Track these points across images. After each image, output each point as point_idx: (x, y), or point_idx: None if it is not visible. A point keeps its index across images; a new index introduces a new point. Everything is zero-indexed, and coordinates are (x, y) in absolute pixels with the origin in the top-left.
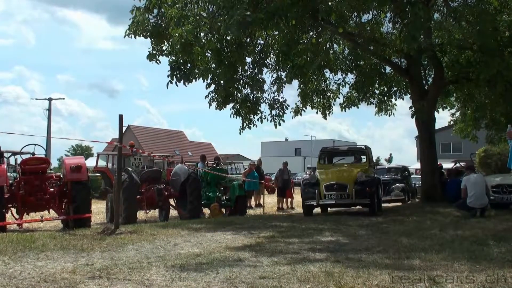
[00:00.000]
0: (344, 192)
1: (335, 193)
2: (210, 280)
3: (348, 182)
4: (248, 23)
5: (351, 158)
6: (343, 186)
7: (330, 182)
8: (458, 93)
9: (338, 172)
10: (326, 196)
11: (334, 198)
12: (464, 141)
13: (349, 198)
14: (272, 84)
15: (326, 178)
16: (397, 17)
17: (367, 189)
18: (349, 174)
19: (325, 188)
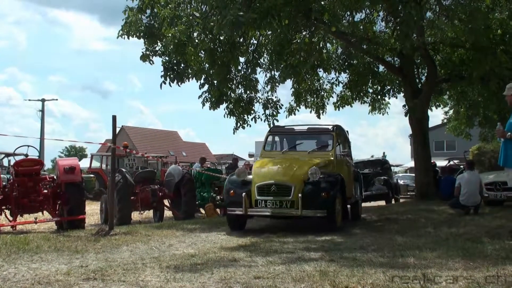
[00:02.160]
0: (286, 198)
1: (272, 198)
2: (205, 280)
3: (294, 182)
4: (241, 23)
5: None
6: (284, 188)
7: (265, 181)
8: (451, 91)
9: (280, 166)
10: (258, 202)
11: (270, 206)
12: (458, 139)
13: (293, 207)
14: (266, 83)
15: (261, 175)
16: (389, 16)
17: (322, 194)
18: (296, 170)
19: (257, 190)
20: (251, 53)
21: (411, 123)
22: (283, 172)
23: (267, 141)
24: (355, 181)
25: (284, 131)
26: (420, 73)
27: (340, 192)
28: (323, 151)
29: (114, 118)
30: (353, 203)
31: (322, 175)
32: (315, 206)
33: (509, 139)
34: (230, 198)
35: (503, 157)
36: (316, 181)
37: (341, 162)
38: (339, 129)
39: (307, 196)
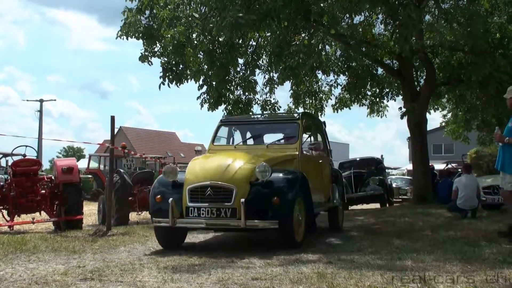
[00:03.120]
0: (225, 205)
1: (207, 205)
2: (203, 281)
3: (236, 184)
4: (240, 24)
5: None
6: (223, 191)
7: (199, 182)
8: (449, 95)
9: (220, 163)
10: (190, 211)
11: (204, 216)
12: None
13: (235, 216)
14: (264, 85)
15: (195, 174)
16: (389, 19)
17: (274, 199)
18: (241, 167)
19: (189, 194)
20: (250, 54)
21: (409, 126)
22: (222, 171)
23: (217, 134)
24: (334, 183)
25: (238, 120)
26: (419, 76)
27: (302, 195)
28: (286, 144)
29: (113, 119)
30: (331, 209)
31: (277, 173)
32: (263, 215)
33: (507, 144)
34: (156, 204)
35: (500, 162)
36: (266, 182)
37: (310, 158)
38: (308, 118)
39: (253, 201)
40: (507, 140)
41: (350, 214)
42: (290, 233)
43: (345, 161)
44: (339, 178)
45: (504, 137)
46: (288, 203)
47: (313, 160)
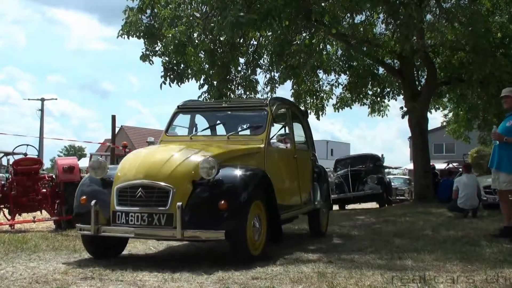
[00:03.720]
0: (159, 209)
1: (137, 210)
2: (203, 280)
3: (174, 183)
4: (241, 24)
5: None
6: (158, 192)
7: (129, 181)
8: (450, 94)
9: (157, 158)
10: (118, 216)
11: (133, 223)
12: (457, 142)
13: (171, 224)
14: (266, 84)
15: (126, 171)
16: (390, 18)
17: (220, 203)
18: (183, 163)
19: (117, 195)
20: (251, 54)
21: (411, 126)
22: (159, 167)
23: (172, 122)
24: (317, 182)
25: (198, 107)
26: (420, 75)
27: (262, 198)
28: (251, 135)
29: (114, 118)
30: (312, 212)
31: (228, 170)
32: (206, 223)
33: (505, 142)
34: (80, 207)
35: (497, 160)
36: (212, 181)
37: (282, 153)
38: (281, 105)
39: (194, 206)
40: (506, 139)
41: (351, 214)
42: (242, 245)
43: (341, 158)
44: (323, 176)
45: (503, 136)
46: (240, 207)
47: (286, 155)
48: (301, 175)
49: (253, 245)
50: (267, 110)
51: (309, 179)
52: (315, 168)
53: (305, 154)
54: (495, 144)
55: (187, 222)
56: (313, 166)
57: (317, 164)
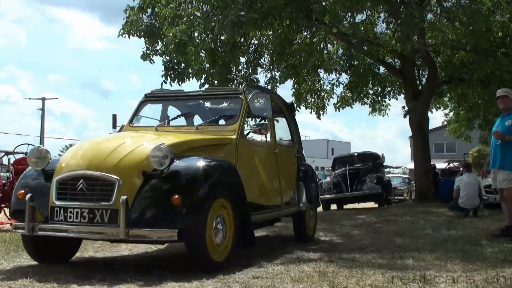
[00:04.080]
0: (102, 205)
1: (78, 205)
2: (203, 280)
3: (121, 175)
4: (242, 23)
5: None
6: (101, 185)
7: (70, 172)
8: (451, 94)
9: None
10: (56, 212)
11: (72, 219)
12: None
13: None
14: (266, 84)
15: (68, 162)
16: (390, 17)
17: (174, 198)
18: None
19: (57, 188)
20: (251, 53)
21: (411, 125)
22: (104, 156)
23: (138, 112)
24: (302, 181)
25: (167, 95)
26: (421, 75)
27: (229, 195)
28: (222, 125)
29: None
30: (297, 215)
31: (186, 160)
32: (156, 221)
33: (507, 141)
34: (17, 203)
35: (499, 159)
36: (166, 173)
37: (259, 146)
38: (258, 93)
39: (142, 201)
40: (508, 138)
41: (351, 213)
42: (199, 248)
43: (340, 156)
44: (310, 175)
45: (506, 135)
46: (197, 204)
47: (263, 149)
48: (282, 173)
49: (214, 249)
50: (242, 98)
51: (293, 178)
52: (300, 166)
53: (288, 151)
54: (496, 144)
55: (134, 220)
56: (299, 164)
57: (303, 163)
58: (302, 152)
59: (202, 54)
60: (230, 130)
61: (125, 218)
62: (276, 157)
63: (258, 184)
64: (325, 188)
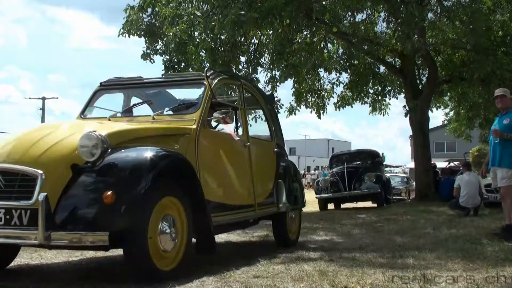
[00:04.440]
0: (21, 204)
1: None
2: (204, 279)
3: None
4: (242, 22)
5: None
6: (21, 180)
7: None
8: (452, 93)
9: (28, 137)
10: None
11: None
12: (458, 141)
13: (36, 224)
14: (266, 83)
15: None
16: (391, 17)
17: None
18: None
19: None
20: (252, 52)
21: (412, 124)
22: (27, 147)
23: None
24: (282, 179)
25: (123, 83)
26: (421, 74)
27: (179, 192)
28: (181, 114)
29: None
30: (276, 217)
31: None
32: (83, 223)
33: (506, 139)
34: None
35: (498, 157)
36: (99, 166)
37: (226, 138)
38: (225, 79)
39: (69, 199)
40: (507, 135)
41: (352, 212)
42: (139, 254)
43: (337, 154)
44: (292, 172)
45: (504, 133)
46: (135, 202)
47: (232, 142)
48: (257, 169)
49: (160, 256)
50: (206, 84)
51: (271, 176)
52: (280, 162)
53: (264, 145)
54: (495, 142)
55: (58, 221)
56: (278, 160)
57: (285, 159)
58: (283, 148)
59: (202, 53)
60: (189, 120)
61: (45, 219)
62: (248, 151)
63: (224, 180)
64: (322, 187)
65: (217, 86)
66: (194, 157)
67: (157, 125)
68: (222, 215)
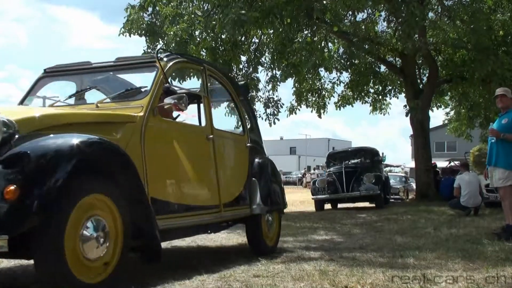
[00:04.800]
0: None
1: None
2: (204, 278)
3: None
4: (243, 21)
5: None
6: None
7: None
8: (452, 92)
9: None
10: None
11: None
12: (459, 140)
13: None
14: (267, 82)
15: None
16: (391, 16)
17: (7, 190)
18: None
19: None
20: (252, 52)
21: (412, 124)
22: None
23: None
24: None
25: (69, 69)
26: (422, 73)
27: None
28: (127, 101)
29: None
30: (250, 220)
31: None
32: None
33: (502, 139)
34: None
35: (495, 157)
36: (4, 156)
37: (182, 128)
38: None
39: None
40: (503, 135)
41: (352, 212)
42: (52, 264)
43: (335, 152)
44: (269, 170)
45: (500, 133)
46: (48, 199)
47: (190, 133)
48: (223, 165)
49: (82, 265)
50: (158, 67)
51: (242, 173)
52: (255, 159)
53: (235, 139)
54: (492, 141)
55: None
56: (252, 156)
57: (262, 156)
58: (260, 144)
59: (203, 52)
60: (136, 107)
61: None
62: (212, 145)
63: (178, 177)
64: (319, 188)
65: (171, 70)
66: (139, 148)
67: (92, 111)
68: (174, 217)
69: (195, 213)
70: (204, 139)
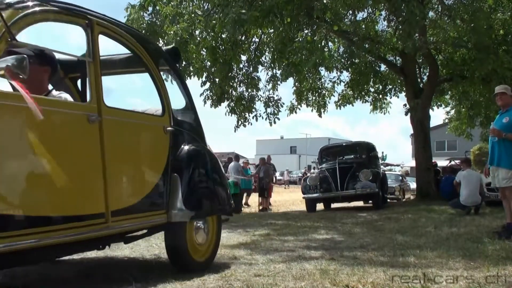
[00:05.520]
0: None
1: None
2: (205, 278)
3: None
4: (243, 21)
5: None
6: None
7: None
8: (453, 91)
9: None
10: None
11: None
12: (459, 139)
13: None
14: (267, 82)
15: None
16: (392, 15)
17: None
18: None
19: None
20: (253, 51)
21: (413, 123)
22: None
23: None
24: (178, 172)
25: None
26: (422, 72)
27: None
28: None
29: None
30: (168, 229)
31: None
32: None
33: (504, 139)
34: None
35: (497, 157)
36: None
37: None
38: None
39: None
40: (505, 135)
41: (352, 211)
42: None
43: (327, 147)
44: (198, 162)
45: (502, 132)
46: None
47: (59, 114)
48: (117, 157)
49: None
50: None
51: (154, 167)
52: (180, 148)
53: (144, 120)
54: (494, 141)
55: None
56: (175, 145)
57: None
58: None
59: (203, 52)
60: None
61: None
62: (99, 129)
63: (30, 177)
64: (310, 186)
65: (25, 22)
66: None
67: None
68: (19, 235)
69: (59, 228)
70: (85, 122)
